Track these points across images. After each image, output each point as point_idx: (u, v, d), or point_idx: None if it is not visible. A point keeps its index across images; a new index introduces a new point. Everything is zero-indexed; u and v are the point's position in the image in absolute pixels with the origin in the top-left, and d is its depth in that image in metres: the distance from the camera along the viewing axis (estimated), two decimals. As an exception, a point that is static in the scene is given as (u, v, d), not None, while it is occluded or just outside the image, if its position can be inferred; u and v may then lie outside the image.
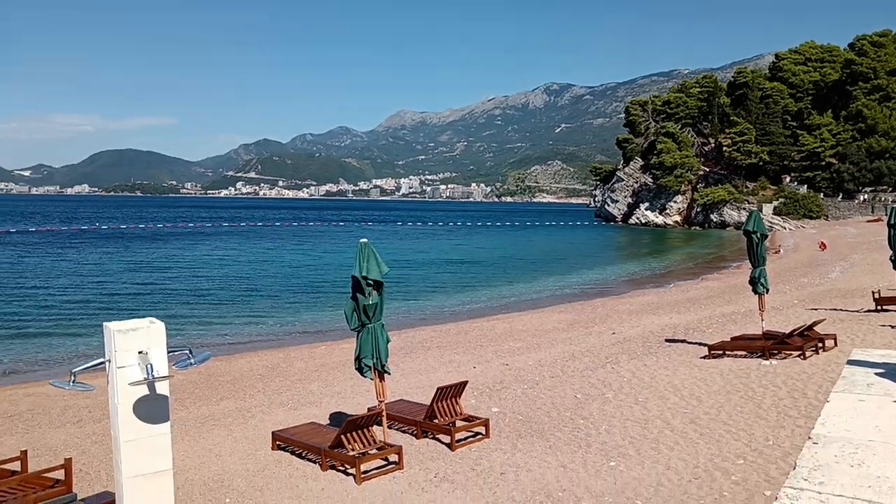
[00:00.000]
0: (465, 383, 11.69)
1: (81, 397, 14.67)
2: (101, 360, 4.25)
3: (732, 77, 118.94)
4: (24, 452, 8.22)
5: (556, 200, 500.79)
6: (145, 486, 4.29)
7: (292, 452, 10.61)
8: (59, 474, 7.57)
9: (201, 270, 44.48)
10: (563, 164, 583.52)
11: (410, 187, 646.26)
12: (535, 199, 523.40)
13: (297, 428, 11.12)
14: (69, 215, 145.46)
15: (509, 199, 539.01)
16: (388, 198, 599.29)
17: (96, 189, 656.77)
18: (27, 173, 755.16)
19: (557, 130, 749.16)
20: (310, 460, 10.26)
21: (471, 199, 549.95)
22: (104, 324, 4.29)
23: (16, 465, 8.18)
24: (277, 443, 10.86)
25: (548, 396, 13.53)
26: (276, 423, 12.19)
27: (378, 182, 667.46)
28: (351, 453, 9.63)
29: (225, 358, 18.91)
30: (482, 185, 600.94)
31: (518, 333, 21.38)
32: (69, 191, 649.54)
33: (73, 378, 4.19)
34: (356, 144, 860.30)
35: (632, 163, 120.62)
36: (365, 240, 10.32)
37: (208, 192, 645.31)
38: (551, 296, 32.99)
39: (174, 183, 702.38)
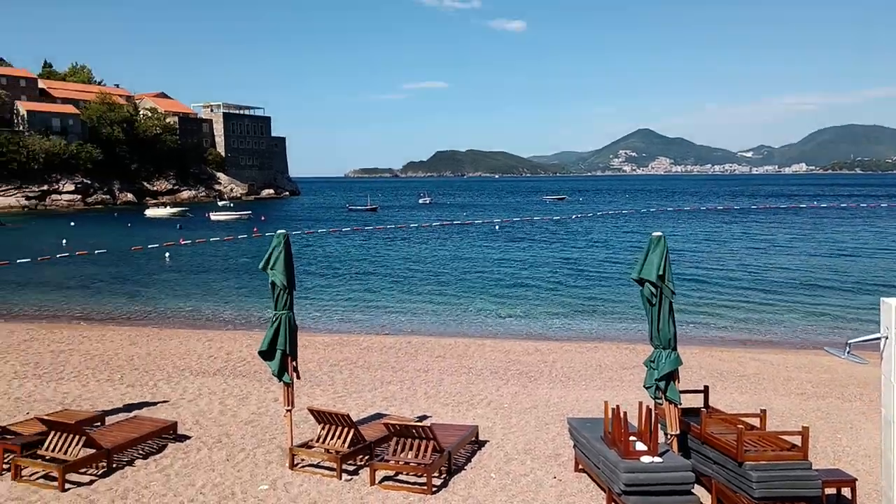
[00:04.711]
0: None
1: (803, 372, 15.00)
2: (878, 335, 4.21)
3: None
4: (763, 412, 8.83)
5: None
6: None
7: None
8: (795, 440, 7.88)
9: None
10: None
11: None
12: None
13: None
14: (784, 192, 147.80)
15: None
16: None
17: (813, 167, 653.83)
18: (749, 154, 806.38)
19: None
20: None
21: None
22: (882, 299, 4.22)
23: (754, 421, 8.90)
24: None
25: None
26: None
27: None
28: None
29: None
30: None
31: None
32: (786, 170, 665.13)
33: (848, 348, 4.29)
34: None
35: None
36: None
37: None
38: None
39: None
